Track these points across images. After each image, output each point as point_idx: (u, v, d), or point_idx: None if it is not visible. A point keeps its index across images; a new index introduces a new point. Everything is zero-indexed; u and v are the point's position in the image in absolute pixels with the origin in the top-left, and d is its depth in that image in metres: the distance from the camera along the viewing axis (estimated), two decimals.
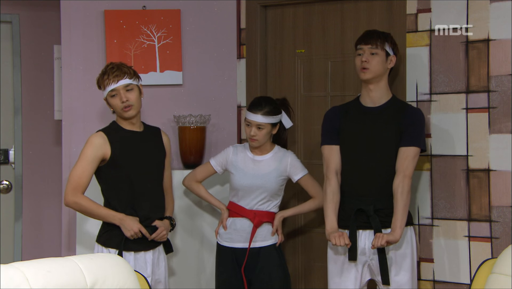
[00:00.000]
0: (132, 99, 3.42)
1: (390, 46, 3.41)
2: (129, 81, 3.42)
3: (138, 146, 3.48)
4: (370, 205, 3.35)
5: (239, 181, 3.66)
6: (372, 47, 3.38)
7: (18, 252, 4.76)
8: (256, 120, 3.60)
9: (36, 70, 4.78)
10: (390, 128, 3.36)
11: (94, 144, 3.39)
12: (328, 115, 3.54)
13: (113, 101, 3.43)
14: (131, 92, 3.42)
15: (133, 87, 3.43)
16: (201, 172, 3.81)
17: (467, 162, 3.53)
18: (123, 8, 4.11)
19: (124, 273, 2.51)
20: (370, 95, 3.43)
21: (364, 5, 3.90)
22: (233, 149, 3.74)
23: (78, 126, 4.10)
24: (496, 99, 3.45)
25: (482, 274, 3.01)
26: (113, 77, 3.40)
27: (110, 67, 3.44)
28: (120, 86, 3.40)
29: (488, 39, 3.46)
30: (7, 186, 4.77)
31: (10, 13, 4.73)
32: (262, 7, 4.19)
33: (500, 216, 3.44)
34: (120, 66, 3.45)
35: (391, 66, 3.43)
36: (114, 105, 3.44)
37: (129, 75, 3.43)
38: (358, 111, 3.45)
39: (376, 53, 3.37)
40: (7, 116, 4.77)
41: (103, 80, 3.43)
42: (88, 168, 3.37)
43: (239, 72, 4.26)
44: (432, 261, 3.63)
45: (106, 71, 3.44)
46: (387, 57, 3.40)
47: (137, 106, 3.45)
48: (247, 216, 3.66)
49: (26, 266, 2.25)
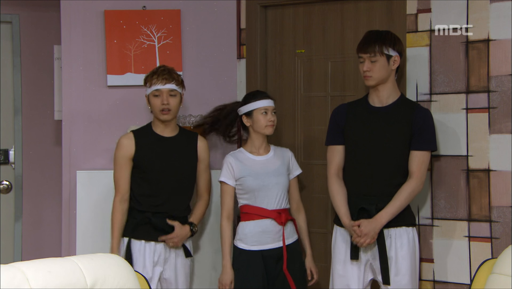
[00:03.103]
0: (172, 104, 3.56)
1: (391, 47, 3.38)
2: (175, 87, 3.57)
3: (163, 150, 3.60)
4: (373, 205, 3.35)
5: (254, 181, 3.59)
6: (371, 55, 3.35)
7: (18, 252, 4.76)
8: (271, 104, 3.65)
9: (36, 70, 4.78)
10: (398, 128, 3.37)
11: (120, 146, 3.60)
12: (335, 114, 3.55)
13: (154, 101, 3.56)
14: (174, 98, 3.57)
15: (176, 93, 3.58)
16: (228, 200, 3.64)
17: (467, 162, 3.53)
18: (123, 8, 4.11)
19: (124, 273, 2.51)
20: (378, 95, 3.44)
21: (364, 5, 3.90)
22: (231, 158, 3.66)
23: (78, 126, 4.10)
24: (496, 99, 3.45)
25: (482, 274, 3.01)
26: (162, 79, 3.55)
27: (162, 69, 3.61)
28: (165, 88, 3.55)
29: (488, 39, 3.46)
30: (7, 186, 4.77)
31: (10, 13, 4.73)
32: (262, 7, 4.19)
33: (500, 216, 3.44)
34: (171, 71, 3.61)
35: (396, 66, 3.41)
36: (153, 105, 3.57)
37: (176, 81, 3.59)
38: (365, 111, 3.46)
39: (376, 60, 3.36)
40: (7, 116, 4.77)
41: (152, 78, 3.58)
42: (122, 171, 3.57)
43: (239, 72, 4.26)
44: (432, 261, 3.63)
45: (156, 71, 3.60)
46: (389, 60, 3.38)
47: (174, 112, 3.59)
48: (271, 216, 3.60)
49: (26, 266, 2.25)
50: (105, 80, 4.10)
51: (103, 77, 4.10)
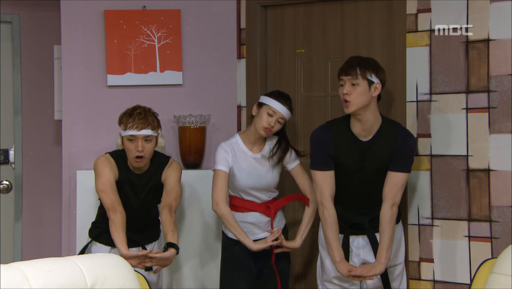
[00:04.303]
0: (147, 150, 3.45)
1: (373, 73, 3.23)
2: (150, 132, 3.45)
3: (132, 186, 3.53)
4: (365, 217, 3.37)
5: (245, 182, 3.60)
6: (352, 78, 3.22)
7: (18, 252, 4.76)
8: (282, 113, 3.57)
9: (36, 70, 4.77)
10: (383, 158, 3.31)
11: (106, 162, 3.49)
12: (321, 140, 3.37)
13: (128, 145, 3.46)
14: (149, 142, 3.46)
15: (152, 138, 3.47)
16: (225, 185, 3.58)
17: (467, 162, 3.53)
18: (123, 8, 4.12)
19: (124, 273, 2.51)
20: (362, 126, 3.29)
21: (364, 5, 3.90)
22: (223, 149, 3.61)
23: (78, 126, 4.10)
24: (496, 99, 3.45)
25: (482, 274, 3.01)
26: (137, 124, 3.43)
27: (138, 112, 3.47)
28: (140, 135, 3.43)
29: (488, 39, 3.46)
30: (7, 186, 4.77)
31: (10, 13, 4.73)
32: (262, 7, 4.19)
33: (500, 216, 3.44)
34: (147, 114, 3.47)
35: (377, 93, 3.25)
36: (127, 149, 3.47)
37: (152, 126, 3.46)
38: (352, 144, 3.32)
39: (357, 84, 3.21)
40: (7, 116, 4.77)
41: (127, 122, 3.45)
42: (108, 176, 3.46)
43: (239, 72, 4.26)
44: (432, 261, 3.63)
45: (132, 114, 3.47)
46: (370, 85, 3.23)
47: (148, 158, 3.50)
48: (259, 210, 3.64)
49: (26, 266, 2.25)
50: (105, 80, 4.10)
51: (103, 77, 4.11)
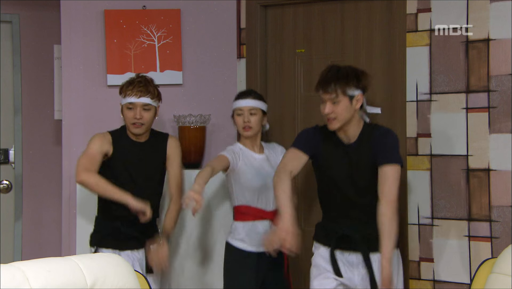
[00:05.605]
0: (145, 119, 3.47)
1: (353, 86, 3.12)
2: (149, 101, 3.47)
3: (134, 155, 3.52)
4: (356, 232, 3.17)
5: (256, 180, 3.58)
6: (332, 96, 3.11)
7: (18, 252, 4.76)
8: (248, 105, 3.59)
9: (36, 70, 4.78)
10: (365, 159, 3.18)
11: (100, 138, 3.50)
12: (309, 133, 3.29)
13: (127, 113, 3.48)
14: (148, 112, 3.48)
15: (151, 108, 3.49)
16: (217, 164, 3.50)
17: (467, 162, 3.53)
18: (123, 8, 4.12)
19: (124, 273, 2.51)
20: (346, 134, 3.21)
21: (364, 5, 3.90)
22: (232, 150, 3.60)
23: (78, 126, 4.10)
24: (496, 99, 3.45)
25: (482, 274, 3.01)
26: (136, 91, 3.45)
27: (138, 80, 3.49)
28: (139, 102, 3.45)
29: (488, 39, 3.47)
30: (7, 185, 4.77)
31: (10, 13, 4.73)
32: (262, 7, 4.19)
33: (500, 215, 3.44)
34: (147, 83, 3.49)
35: (359, 104, 3.15)
36: (126, 117, 3.49)
37: (152, 95, 3.48)
38: (337, 146, 3.24)
39: (338, 101, 3.11)
40: (7, 116, 4.77)
41: (126, 89, 3.48)
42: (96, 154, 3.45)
43: (239, 72, 4.26)
44: (432, 261, 3.63)
45: (133, 82, 3.49)
46: (351, 100, 3.12)
47: (147, 126, 3.51)
48: (269, 217, 3.60)
49: (26, 265, 2.25)
50: (105, 80, 4.10)
51: (103, 77, 4.11)
